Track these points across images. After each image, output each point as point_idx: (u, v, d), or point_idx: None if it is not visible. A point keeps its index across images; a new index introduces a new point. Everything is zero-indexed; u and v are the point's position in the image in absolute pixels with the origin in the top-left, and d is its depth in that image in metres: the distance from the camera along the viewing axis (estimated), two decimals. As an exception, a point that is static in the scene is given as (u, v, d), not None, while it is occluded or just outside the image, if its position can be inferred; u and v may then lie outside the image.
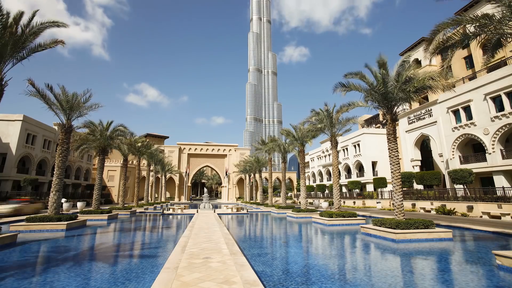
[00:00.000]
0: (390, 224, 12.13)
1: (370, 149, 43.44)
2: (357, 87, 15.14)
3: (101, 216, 20.57)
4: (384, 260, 8.99)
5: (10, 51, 11.79)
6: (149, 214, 27.34)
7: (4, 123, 33.95)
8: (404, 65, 13.90)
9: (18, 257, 9.06)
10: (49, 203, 16.10)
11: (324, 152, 57.48)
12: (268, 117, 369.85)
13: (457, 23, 9.88)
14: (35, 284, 6.05)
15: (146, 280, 6.15)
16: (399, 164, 14.10)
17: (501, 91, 22.98)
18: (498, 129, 23.19)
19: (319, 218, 18.76)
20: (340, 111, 20.54)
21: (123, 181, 29.01)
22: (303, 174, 26.84)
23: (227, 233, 11.94)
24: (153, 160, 41.86)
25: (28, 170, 36.44)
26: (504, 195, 20.06)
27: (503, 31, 9.06)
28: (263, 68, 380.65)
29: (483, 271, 7.24)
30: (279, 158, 36.68)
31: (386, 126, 14.46)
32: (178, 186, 67.00)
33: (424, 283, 6.28)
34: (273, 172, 49.53)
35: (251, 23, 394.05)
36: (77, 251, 10.20)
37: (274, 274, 6.82)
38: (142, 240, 12.81)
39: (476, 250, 10.28)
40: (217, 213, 25.75)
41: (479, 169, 24.92)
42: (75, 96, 17.46)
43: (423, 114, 32.78)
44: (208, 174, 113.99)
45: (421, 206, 26.46)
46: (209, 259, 7.15)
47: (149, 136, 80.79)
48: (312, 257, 9.41)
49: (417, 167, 34.06)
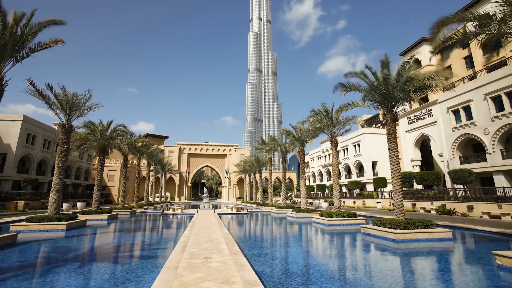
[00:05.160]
0: (390, 224, 12.12)
1: (370, 149, 43.42)
2: (357, 87, 15.12)
3: (101, 216, 20.56)
4: (384, 260, 8.99)
5: (10, 51, 11.78)
6: (149, 214, 27.34)
7: (4, 123, 33.92)
8: (405, 65, 13.91)
9: (18, 257, 9.06)
10: (49, 203, 16.08)
11: (324, 152, 57.46)
12: (268, 117, 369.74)
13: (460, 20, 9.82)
14: (35, 284, 6.05)
15: (146, 280, 6.15)
16: (399, 164, 14.10)
17: (501, 91, 22.97)
18: (498, 129, 23.18)
19: (319, 218, 18.76)
20: (340, 111, 20.53)
21: (123, 181, 29.00)
22: (303, 174, 26.82)
23: (227, 233, 11.93)
24: (153, 160, 41.85)
25: (28, 170, 36.42)
26: (504, 195, 20.04)
27: (504, 30, 9.05)
28: (263, 68, 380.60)
29: (483, 271, 7.24)
30: (279, 158, 36.67)
31: (386, 126, 14.45)
32: (178, 186, 66.97)
33: (424, 283, 6.27)
34: (273, 172, 49.50)
35: (251, 23, 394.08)
36: (77, 251, 10.20)
37: (274, 274, 6.82)
38: (142, 240, 12.81)
39: (476, 250, 10.28)
40: (217, 213, 25.74)
41: (479, 169, 24.91)
42: (75, 96, 17.45)
43: (423, 114, 32.77)
44: (208, 174, 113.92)
45: (421, 206, 26.45)
46: (209, 259, 7.15)
47: (149, 136, 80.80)
48: (312, 257, 9.41)
49: (417, 167, 34.05)
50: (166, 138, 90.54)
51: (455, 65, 35.32)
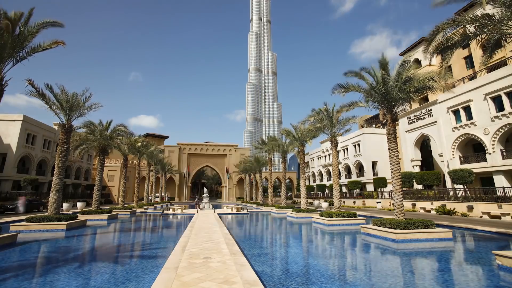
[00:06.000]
0: (390, 224, 12.13)
1: (370, 149, 43.42)
2: (356, 88, 15.10)
3: (101, 216, 20.56)
4: (384, 260, 8.99)
5: (9, 51, 11.78)
6: (149, 214, 27.34)
7: (4, 123, 33.95)
8: (405, 65, 13.91)
9: (18, 257, 9.06)
10: (49, 203, 16.08)
11: (324, 152, 57.46)
12: (268, 117, 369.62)
13: (456, 24, 9.87)
14: (35, 284, 6.05)
15: (146, 280, 6.14)
16: (399, 164, 14.09)
17: (501, 91, 22.97)
18: (498, 129, 23.18)
19: (319, 218, 18.76)
20: (340, 111, 20.54)
21: (123, 181, 28.99)
22: (303, 174, 26.82)
23: (227, 233, 11.93)
24: (153, 160, 41.86)
25: (28, 170, 36.43)
26: (504, 195, 20.05)
27: (502, 31, 9.06)
28: (263, 68, 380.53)
29: (483, 271, 7.24)
30: (279, 158, 36.63)
31: (386, 126, 14.45)
32: (178, 186, 66.99)
33: (424, 283, 6.27)
34: (273, 172, 49.51)
35: (251, 23, 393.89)
36: (77, 251, 10.19)
37: (274, 274, 6.82)
38: (142, 240, 12.80)
39: (476, 250, 10.28)
40: (217, 213, 25.74)
41: (479, 169, 24.91)
42: (75, 96, 17.45)
43: (423, 114, 32.76)
44: (208, 174, 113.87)
45: (421, 206, 26.45)
46: (209, 259, 7.15)
47: (149, 136, 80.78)
48: (312, 257, 9.41)
49: (417, 167, 34.04)
50: (166, 138, 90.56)
51: (455, 65, 35.34)
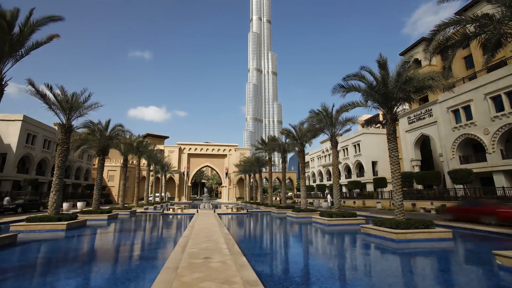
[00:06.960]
0: (390, 224, 12.13)
1: (370, 149, 43.42)
2: (356, 88, 15.12)
3: (101, 216, 20.56)
4: (384, 260, 8.99)
5: (8, 49, 11.78)
6: (149, 214, 27.33)
7: (4, 123, 33.93)
8: (405, 65, 13.91)
9: (18, 257, 9.06)
10: (49, 203, 16.08)
11: (324, 152, 57.47)
12: (268, 117, 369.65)
13: (456, 23, 9.87)
14: (35, 284, 6.05)
15: (146, 280, 6.14)
16: (399, 164, 14.10)
17: (501, 91, 22.96)
18: (498, 129, 23.18)
19: (319, 218, 18.76)
20: (340, 111, 20.53)
21: (123, 181, 29.00)
22: (303, 174, 26.81)
23: (227, 233, 11.93)
24: (153, 160, 41.85)
25: (28, 170, 36.41)
26: (504, 195, 20.06)
27: (503, 30, 9.06)
28: (263, 68, 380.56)
29: (483, 271, 7.24)
30: (279, 158, 36.60)
31: (386, 126, 14.45)
32: (178, 186, 66.95)
33: (424, 283, 6.27)
34: (273, 172, 49.46)
35: (251, 23, 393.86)
36: (77, 251, 10.19)
37: (274, 274, 6.82)
38: (142, 240, 12.80)
39: (476, 250, 10.28)
40: (217, 213, 25.74)
41: (479, 169, 24.90)
42: (75, 96, 17.46)
43: (423, 114, 32.76)
44: (208, 174, 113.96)
45: (421, 206, 26.45)
46: (209, 259, 7.14)
47: (149, 136, 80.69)
48: (312, 257, 9.41)
49: (417, 167, 34.04)
50: (166, 138, 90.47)
51: (455, 65, 35.31)
